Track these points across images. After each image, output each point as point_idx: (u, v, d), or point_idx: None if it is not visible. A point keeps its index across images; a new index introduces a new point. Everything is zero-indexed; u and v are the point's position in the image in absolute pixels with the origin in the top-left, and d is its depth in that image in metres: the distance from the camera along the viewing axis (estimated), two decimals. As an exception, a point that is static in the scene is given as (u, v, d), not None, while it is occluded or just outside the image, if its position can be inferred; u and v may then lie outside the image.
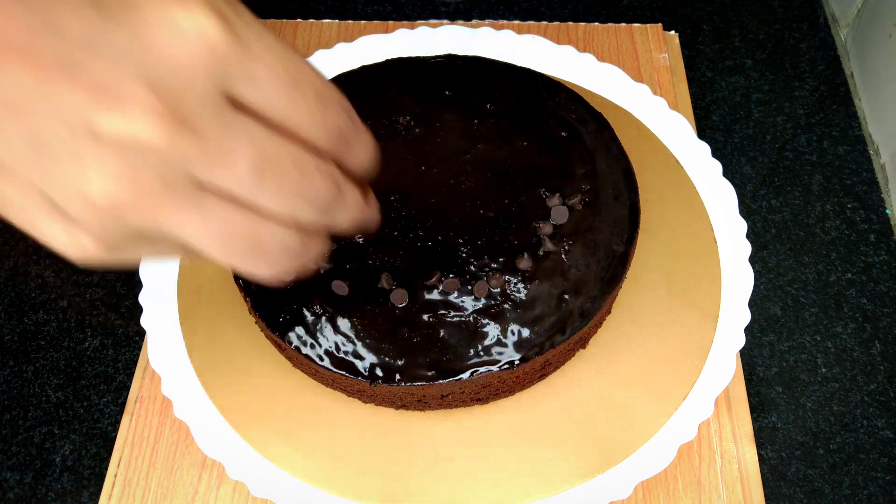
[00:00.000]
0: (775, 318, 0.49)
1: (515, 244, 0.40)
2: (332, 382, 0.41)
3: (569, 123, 0.45)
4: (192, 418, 0.42)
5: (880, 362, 0.47)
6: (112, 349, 0.48)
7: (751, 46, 0.62)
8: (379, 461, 0.41)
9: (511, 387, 0.41)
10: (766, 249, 0.51)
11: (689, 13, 0.64)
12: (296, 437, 0.41)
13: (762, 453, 0.44)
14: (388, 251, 0.40)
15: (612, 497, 0.39)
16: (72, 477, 0.44)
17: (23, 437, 0.45)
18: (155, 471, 0.42)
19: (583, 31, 0.60)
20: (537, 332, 0.39)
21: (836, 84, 0.60)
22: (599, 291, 0.40)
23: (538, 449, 0.41)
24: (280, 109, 0.22)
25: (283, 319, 0.39)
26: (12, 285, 0.51)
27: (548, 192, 0.42)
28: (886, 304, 0.49)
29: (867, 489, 0.43)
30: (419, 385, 0.38)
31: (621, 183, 0.44)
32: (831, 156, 0.56)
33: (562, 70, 0.55)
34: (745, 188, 0.54)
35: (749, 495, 0.41)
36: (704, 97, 0.59)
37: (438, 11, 0.64)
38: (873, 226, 0.52)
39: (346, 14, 0.64)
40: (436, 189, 0.42)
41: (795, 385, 0.46)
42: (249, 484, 0.40)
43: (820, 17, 0.64)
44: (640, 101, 0.53)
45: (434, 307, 0.39)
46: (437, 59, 0.49)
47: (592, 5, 0.64)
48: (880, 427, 0.45)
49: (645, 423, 0.41)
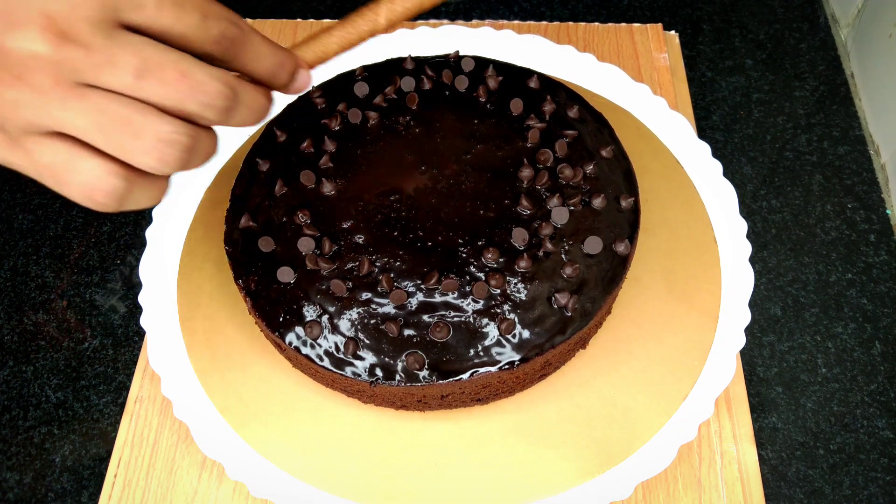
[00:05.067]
0: (775, 318, 0.49)
1: (515, 244, 0.40)
2: (332, 382, 0.41)
3: (569, 123, 0.45)
4: (191, 418, 0.42)
5: (880, 362, 0.47)
6: (112, 349, 0.48)
7: (751, 46, 0.62)
8: (379, 461, 0.41)
9: (511, 387, 0.41)
10: (766, 249, 0.51)
11: (689, 13, 0.64)
12: (296, 437, 0.41)
13: (762, 453, 0.44)
14: (387, 251, 0.40)
15: (612, 497, 0.39)
16: (72, 477, 0.44)
17: (23, 437, 0.45)
18: (155, 471, 0.42)
19: (583, 31, 0.60)
20: (537, 332, 0.39)
21: (837, 84, 0.60)
22: (600, 292, 0.40)
23: (538, 449, 0.41)
24: (165, 26, 0.27)
25: (283, 319, 0.39)
26: (12, 285, 0.51)
27: (548, 192, 0.42)
28: (886, 305, 0.49)
29: (867, 489, 0.43)
30: (419, 385, 0.38)
31: (621, 183, 0.44)
32: (831, 156, 0.56)
33: (562, 70, 0.55)
34: (745, 188, 0.54)
35: (749, 495, 0.41)
36: (704, 97, 0.59)
37: (438, 11, 0.63)
38: (873, 226, 0.52)
39: (345, 14, 0.64)
40: (436, 189, 0.42)
41: (795, 385, 0.46)
42: (249, 484, 0.40)
43: (820, 17, 0.64)
44: (640, 101, 0.53)
45: (434, 308, 0.39)
46: (437, 58, 0.49)
47: (592, 5, 0.64)
48: (880, 427, 0.45)
49: (645, 423, 0.41)
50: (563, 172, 0.43)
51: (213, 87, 0.28)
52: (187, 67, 0.27)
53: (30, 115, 0.26)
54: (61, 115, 0.26)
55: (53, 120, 0.26)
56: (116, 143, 0.27)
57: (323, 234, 0.41)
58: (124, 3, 0.26)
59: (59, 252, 0.52)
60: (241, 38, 0.30)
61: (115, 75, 0.26)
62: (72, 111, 0.26)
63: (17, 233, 0.53)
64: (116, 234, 0.53)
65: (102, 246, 0.52)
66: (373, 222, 0.41)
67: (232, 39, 0.29)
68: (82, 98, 0.26)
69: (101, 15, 0.26)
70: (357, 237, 0.41)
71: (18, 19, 0.25)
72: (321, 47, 0.35)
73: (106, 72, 0.26)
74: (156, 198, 0.30)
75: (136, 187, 0.29)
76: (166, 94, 0.27)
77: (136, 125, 0.27)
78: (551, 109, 0.45)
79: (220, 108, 0.29)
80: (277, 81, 0.32)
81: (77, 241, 0.52)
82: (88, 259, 0.52)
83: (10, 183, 0.55)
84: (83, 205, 0.28)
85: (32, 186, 0.55)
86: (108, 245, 0.52)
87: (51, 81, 0.26)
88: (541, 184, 0.42)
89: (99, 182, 0.27)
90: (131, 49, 0.26)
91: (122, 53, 0.26)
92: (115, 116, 0.27)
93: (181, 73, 0.27)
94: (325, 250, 0.40)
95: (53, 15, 0.25)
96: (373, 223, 0.41)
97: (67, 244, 0.52)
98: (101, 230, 0.53)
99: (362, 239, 0.41)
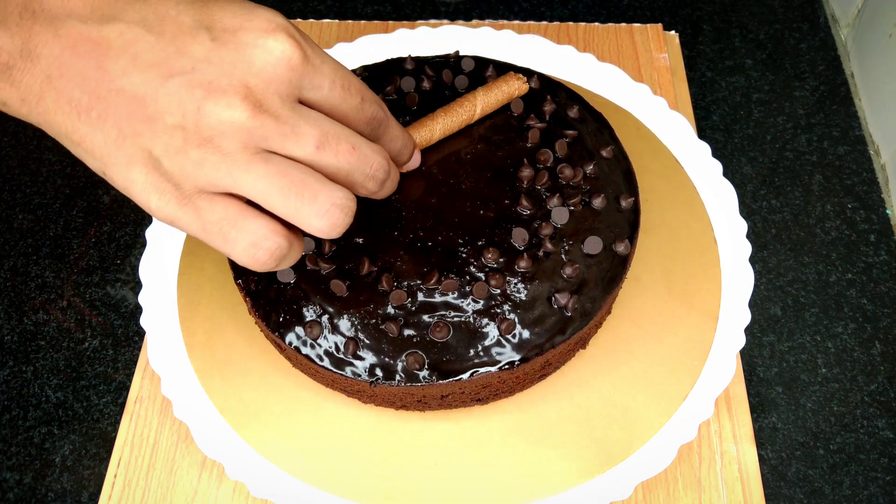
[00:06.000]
0: (775, 318, 0.49)
1: (515, 245, 0.40)
2: (332, 382, 0.41)
3: (569, 123, 0.45)
4: (191, 418, 0.42)
5: (880, 362, 0.47)
6: (112, 349, 0.48)
7: (751, 46, 0.62)
8: (379, 461, 0.41)
9: (511, 387, 0.41)
10: (766, 249, 0.51)
11: (689, 13, 0.64)
12: (296, 437, 0.41)
13: (762, 453, 0.44)
14: (387, 251, 0.40)
15: (612, 497, 0.39)
16: (72, 477, 0.44)
17: (23, 437, 0.45)
18: (155, 471, 0.42)
19: (583, 31, 0.60)
20: (537, 332, 0.39)
21: (837, 84, 0.60)
22: (600, 292, 0.40)
23: (538, 449, 0.41)
24: (334, 105, 0.31)
25: (282, 319, 0.39)
26: (12, 285, 0.51)
27: (548, 192, 0.42)
28: (886, 304, 0.49)
29: (867, 489, 0.43)
30: (419, 385, 0.38)
31: (621, 183, 0.44)
32: (831, 156, 0.56)
33: (562, 70, 0.55)
34: (745, 188, 0.54)
35: (749, 495, 0.41)
36: (704, 97, 0.59)
37: (438, 11, 0.64)
38: (873, 226, 0.52)
39: (346, 14, 0.64)
40: (436, 189, 0.42)
41: (795, 385, 0.46)
42: (249, 484, 0.40)
43: (820, 17, 0.64)
44: (640, 101, 0.53)
45: (434, 308, 0.39)
46: (437, 58, 0.49)
47: (592, 5, 0.64)
48: (880, 427, 0.45)
49: (645, 423, 0.41)
50: (563, 172, 0.43)
51: (376, 162, 0.32)
52: (357, 142, 0.31)
53: (212, 175, 0.28)
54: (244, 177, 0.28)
55: (233, 181, 0.28)
56: (294, 207, 0.29)
57: (323, 234, 0.41)
58: (307, 82, 0.30)
59: (59, 252, 0.52)
60: (385, 121, 0.34)
61: (299, 144, 0.29)
62: (254, 174, 0.28)
63: (17, 233, 0.53)
64: (116, 234, 0.53)
65: (102, 246, 0.52)
66: (372, 222, 0.41)
67: (379, 121, 0.34)
68: (267, 163, 0.29)
69: (289, 91, 0.29)
70: (357, 237, 0.41)
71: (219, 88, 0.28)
72: (427, 133, 0.42)
73: (291, 141, 0.29)
74: (298, 258, 0.32)
75: (293, 247, 0.31)
76: (339, 164, 0.30)
77: (315, 191, 0.29)
78: (551, 109, 0.46)
79: (379, 181, 0.33)
80: (401, 159, 0.38)
81: (77, 241, 0.52)
82: (88, 259, 0.52)
83: (10, 183, 0.55)
84: (244, 264, 0.30)
85: (32, 186, 0.55)
86: (108, 245, 0.52)
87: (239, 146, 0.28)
88: (541, 184, 0.42)
89: (265, 241, 0.30)
90: (314, 122, 0.30)
91: (305, 126, 0.29)
92: (297, 181, 0.29)
93: (353, 147, 0.31)
94: (324, 250, 0.40)
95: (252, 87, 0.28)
96: (372, 223, 0.41)
97: (67, 244, 0.52)
98: (101, 230, 0.53)
99: (362, 239, 0.41)
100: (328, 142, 0.30)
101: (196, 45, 0.28)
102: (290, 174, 0.29)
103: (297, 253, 0.32)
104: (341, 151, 0.30)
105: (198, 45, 0.28)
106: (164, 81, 0.28)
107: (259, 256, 0.30)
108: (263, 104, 0.28)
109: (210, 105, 0.27)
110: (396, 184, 0.35)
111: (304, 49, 0.29)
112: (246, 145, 0.28)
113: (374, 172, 0.32)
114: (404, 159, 0.38)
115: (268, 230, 0.30)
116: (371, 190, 0.33)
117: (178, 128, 0.28)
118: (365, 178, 0.32)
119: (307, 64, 0.29)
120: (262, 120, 0.28)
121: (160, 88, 0.28)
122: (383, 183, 0.33)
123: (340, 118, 0.31)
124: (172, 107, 0.28)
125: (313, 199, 0.29)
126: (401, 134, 0.36)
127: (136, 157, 0.28)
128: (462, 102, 0.43)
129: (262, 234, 0.29)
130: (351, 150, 0.31)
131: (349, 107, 0.31)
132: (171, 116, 0.28)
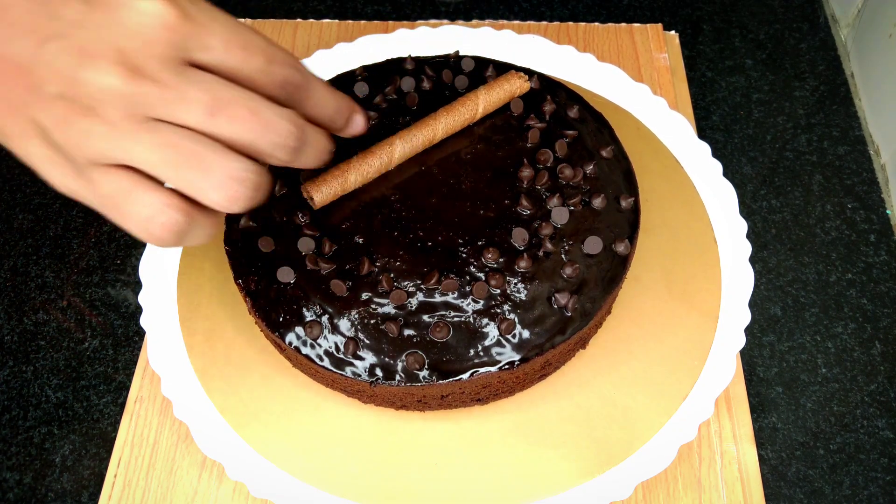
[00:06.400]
0: (775, 318, 0.49)
1: (515, 244, 0.40)
2: (332, 382, 0.41)
3: (569, 123, 0.45)
4: (191, 418, 0.42)
5: (880, 362, 0.47)
6: (112, 349, 0.48)
7: (751, 46, 0.62)
8: (379, 461, 0.41)
9: (511, 387, 0.41)
10: (766, 249, 0.51)
11: (689, 13, 0.64)
12: (296, 437, 0.41)
13: (762, 453, 0.44)
14: (387, 251, 0.40)
15: (612, 497, 0.39)
16: (72, 477, 0.44)
17: (23, 437, 0.45)
18: (155, 471, 0.42)
19: (583, 31, 0.60)
20: (537, 332, 0.39)
21: (837, 84, 0.60)
22: (600, 292, 0.40)
23: (538, 449, 0.41)
24: (232, 67, 0.28)
25: (282, 319, 0.39)
26: (12, 285, 0.51)
27: (548, 192, 0.42)
28: (886, 305, 0.49)
29: (867, 489, 0.43)
30: (419, 385, 0.38)
31: (621, 183, 0.44)
32: (831, 156, 0.56)
33: (562, 70, 0.55)
34: (745, 188, 0.54)
35: (749, 495, 0.41)
36: (704, 97, 0.59)
37: (438, 11, 0.64)
38: (873, 226, 0.52)
39: (346, 14, 0.64)
40: (436, 189, 0.42)
41: (795, 385, 0.46)
42: (249, 484, 0.40)
43: (820, 17, 0.64)
44: (640, 101, 0.53)
45: (434, 308, 0.39)
46: (437, 58, 0.49)
47: (592, 5, 0.64)
48: (880, 427, 0.45)
49: (645, 423, 0.41)
50: (563, 172, 0.43)
51: (283, 127, 0.28)
52: (257, 106, 0.28)
53: (99, 146, 0.27)
54: (132, 147, 0.27)
55: (122, 152, 0.27)
56: (186, 179, 0.27)
57: (323, 234, 0.41)
58: (193, 42, 0.27)
59: (59, 252, 0.52)
60: (304, 84, 0.31)
61: (187, 111, 0.27)
62: (143, 144, 0.27)
63: (17, 233, 0.53)
64: (116, 234, 0.53)
65: (102, 246, 0.52)
66: (372, 222, 0.41)
67: (296, 84, 0.30)
68: (154, 132, 0.27)
69: (171, 53, 0.27)
70: (357, 237, 0.41)
71: (92, 53, 0.26)
72: (430, 132, 0.41)
73: (177, 107, 0.27)
74: (211, 235, 0.30)
75: (196, 223, 0.29)
76: (237, 131, 0.28)
77: (208, 161, 0.27)
78: (551, 109, 0.46)
79: (289, 148, 0.29)
80: (335, 125, 0.33)
81: (77, 241, 0.52)
82: (88, 259, 0.52)
83: (10, 183, 0.55)
84: (141, 238, 0.28)
85: (32, 186, 0.55)
86: (108, 245, 0.52)
87: (121, 115, 0.26)
88: (541, 184, 0.42)
89: (159, 215, 0.28)
90: (202, 86, 0.27)
91: (193, 90, 0.27)
92: (187, 152, 0.27)
93: (252, 112, 0.28)
94: (324, 250, 0.40)
95: (126, 50, 0.26)
96: (372, 223, 0.41)
97: (67, 244, 0.52)
98: (101, 230, 0.53)
99: (362, 239, 0.41)
100: (221, 107, 0.27)
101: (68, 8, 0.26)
102: (179, 144, 0.27)
103: (203, 229, 0.29)
104: (238, 117, 0.27)
105: (70, 8, 0.26)
106: (39, 47, 0.26)
107: (154, 231, 0.28)
108: (141, 68, 0.26)
109: (84, 72, 0.26)
110: (325, 152, 0.31)
111: (182, 7, 0.27)
112: (130, 114, 0.26)
113: (283, 140, 0.29)
114: (339, 125, 0.34)
115: (162, 204, 0.27)
116: (283, 159, 0.29)
117: (59, 97, 0.26)
118: (272, 146, 0.28)
119: (188, 22, 0.27)
120: (141, 85, 0.26)
121: (37, 55, 0.26)
122: (297, 151, 0.29)
123: (245, 83, 0.28)
124: (51, 74, 0.26)
125: (207, 170, 0.27)
126: (331, 97, 0.32)
127: (28, 129, 0.27)
128: (464, 102, 0.43)
129: (157, 209, 0.27)
130: (249, 115, 0.27)
131: (252, 69, 0.28)
132: (51, 85, 0.26)
